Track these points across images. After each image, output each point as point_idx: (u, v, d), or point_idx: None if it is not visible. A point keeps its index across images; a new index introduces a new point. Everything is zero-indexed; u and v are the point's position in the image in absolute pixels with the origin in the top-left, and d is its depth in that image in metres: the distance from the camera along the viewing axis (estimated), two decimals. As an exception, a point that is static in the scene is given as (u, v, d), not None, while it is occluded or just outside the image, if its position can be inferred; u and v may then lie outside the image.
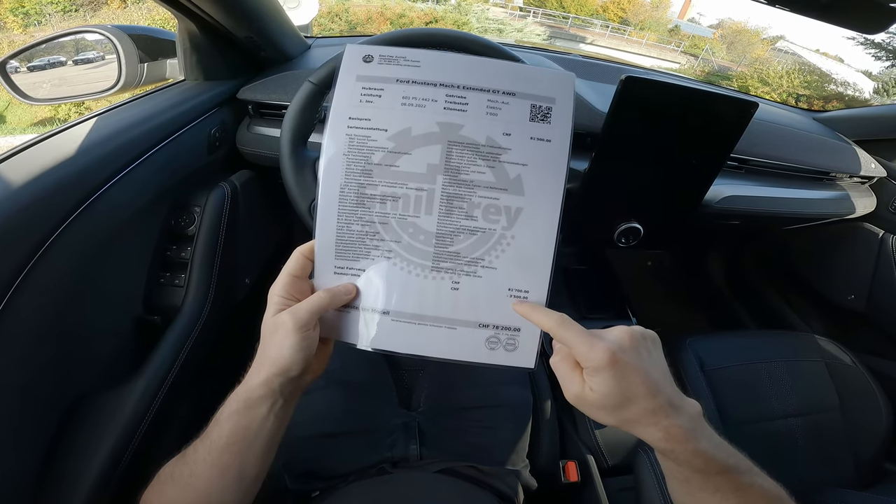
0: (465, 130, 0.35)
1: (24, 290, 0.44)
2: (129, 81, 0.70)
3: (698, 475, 0.32)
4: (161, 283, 0.69)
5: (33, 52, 0.69)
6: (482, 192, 0.35)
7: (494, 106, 0.35)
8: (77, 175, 0.51)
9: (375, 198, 0.35)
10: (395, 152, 0.35)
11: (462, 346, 0.36)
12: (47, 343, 0.49)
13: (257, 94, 0.80)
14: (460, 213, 0.35)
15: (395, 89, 0.34)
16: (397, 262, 0.36)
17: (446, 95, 0.34)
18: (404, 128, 0.34)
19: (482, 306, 0.36)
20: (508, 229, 0.35)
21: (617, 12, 20.69)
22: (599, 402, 0.31)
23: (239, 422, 0.34)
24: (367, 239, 0.35)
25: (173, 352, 0.64)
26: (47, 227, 0.47)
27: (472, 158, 0.35)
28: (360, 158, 0.35)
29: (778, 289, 1.39)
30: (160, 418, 0.60)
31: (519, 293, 0.36)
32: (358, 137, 0.35)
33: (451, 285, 0.36)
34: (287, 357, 0.33)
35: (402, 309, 0.36)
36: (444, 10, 11.48)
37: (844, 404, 0.91)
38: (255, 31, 0.75)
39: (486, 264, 0.36)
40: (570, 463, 0.67)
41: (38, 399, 0.49)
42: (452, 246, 0.35)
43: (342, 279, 0.36)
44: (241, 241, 0.82)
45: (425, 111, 0.34)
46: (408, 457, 0.57)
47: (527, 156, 0.35)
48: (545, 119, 0.35)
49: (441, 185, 0.35)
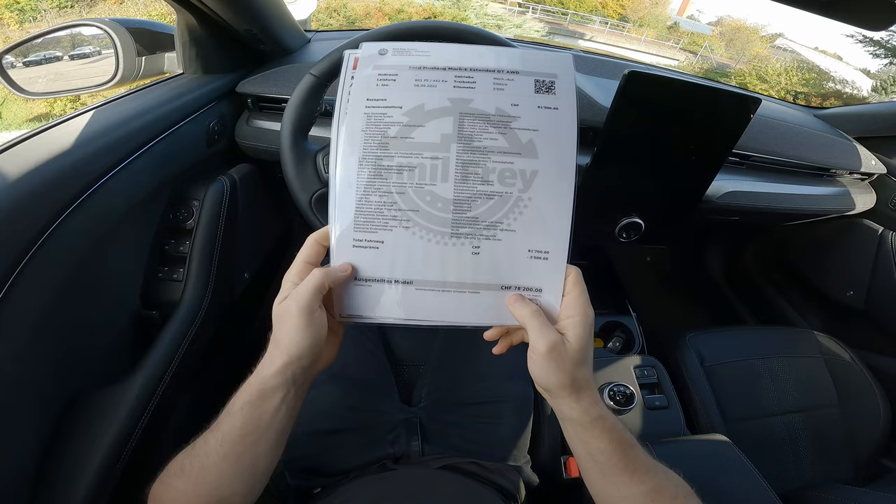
0: (475, 103, 0.36)
1: (20, 284, 0.43)
2: (127, 75, 0.70)
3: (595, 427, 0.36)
4: (159, 277, 0.69)
5: (29, 46, 0.68)
6: (496, 157, 0.36)
7: (500, 82, 0.37)
8: (74, 168, 0.50)
9: (392, 168, 0.36)
10: (409, 125, 0.36)
11: (486, 310, 0.37)
12: (45, 337, 0.48)
13: (257, 88, 0.79)
14: (476, 179, 0.36)
15: (409, 74, 0.37)
16: (416, 231, 0.36)
17: (455, 76, 0.37)
18: (418, 104, 0.36)
19: (504, 269, 0.36)
20: (525, 192, 0.36)
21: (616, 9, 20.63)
22: (576, 353, 0.34)
23: (252, 412, 0.34)
24: (385, 209, 0.36)
25: (172, 346, 0.64)
26: (43, 221, 0.46)
27: (483, 126, 0.36)
28: (378, 133, 0.36)
29: (777, 285, 1.40)
30: (160, 413, 0.60)
31: (539, 254, 0.36)
32: (375, 115, 0.36)
33: (471, 250, 0.36)
34: (297, 343, 0.33)
35: (424, 277, 0.36)
36: (443, 6, 11.42)
37: (843, 401, 0.92)
38: (255, 24, 0.75)
39: (504, 227, 0.36)
40: (571, 459, 0.67)
41: (36, 394, 0.48)
42: (470, 211, 0.36)
43: (362, 252, 0.36)
44: (240, 234, 0.81)
45: (436, 90, 0.37)
46: (409, 453, 0.57)
47: (537, 122, 0.36)
48: (550, 90, 0.37)
49: (455, 153, 0.36)
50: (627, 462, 0.35)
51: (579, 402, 0.35)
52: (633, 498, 0.35)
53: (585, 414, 0.35)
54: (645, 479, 0.35)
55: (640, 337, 1.02)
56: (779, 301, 1.37)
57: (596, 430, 0.35)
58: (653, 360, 0.87)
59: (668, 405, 0.81)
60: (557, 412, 0.37)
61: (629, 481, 0.35)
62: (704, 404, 0.86)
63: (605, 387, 0.78)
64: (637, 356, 0.88)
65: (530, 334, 0.34)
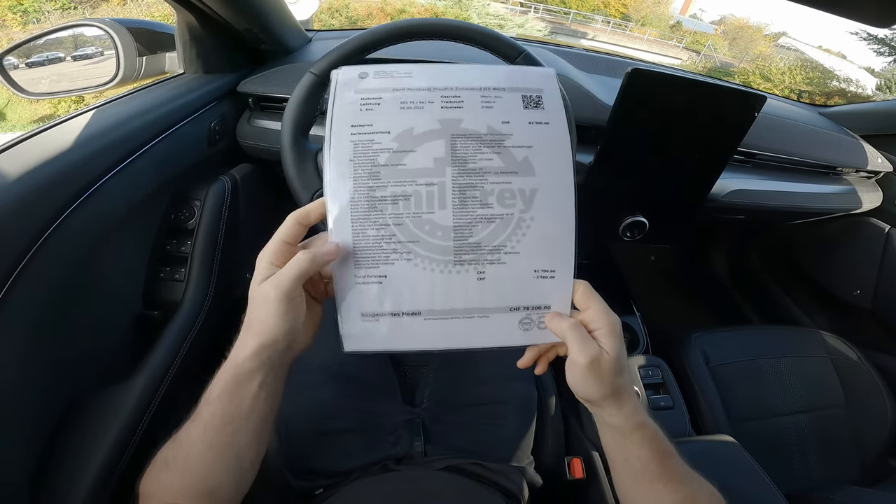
0: (465, 123, 0.35)
1: (20, 284, 0.43)
2: (128, 75, 0.70)
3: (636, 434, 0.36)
4: (161, 277, 0.68)
5: (31, 47, 0.68)
6: (493, 178, 0.35)
7: (488, 100, 0.36)
8: (74, 167, 0.50)
9: (387, 199, 0.34)
10: (400, 151, 0.34)
11: (497, 332, 0.36)
12: (47, 338, 0.48)
13: (258, 87, 0.79)
14: (475, 203, 0.35)
15: (393, 97, 0.36)
16: (419, 263, 0.35)
17: (442, 97, 0.36)
18: (407, 128, 0.35)
19: (510, 291, 0.36)
20: (526, 212, 0.35)
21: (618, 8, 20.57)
22: (612, 364, 0.34)
23: (231, 400, 0.33)
24: (384, 243, 0.34)
25: (174, 347, 0.64)
26: (43, 221, 0.46)
27: (477, 147, 0.35)
28: (367, 162, 0.34)
29: (783, 284, 1.39)
30: (162, 413, 0.60)
31: (545, 273, 0.35)
32: (362, 143, 0.35)
33: (476, 276, 0.35)
34: (273, 328, 0.32)
35: (432, 307, 0.35)
36: (445, 6, 11.42)
37: (850, 401, 0.91)
38: (256, 23, 0.74)
39: (508, 250, 0.35)
40: (575, 459, 0.67)
41: (38, 394, 0.48)
42: (472, 237, 0.35)
43: (366, 288, 0.35)
44: (241, 234, 0.81)
45: (424, 112, 0.35)
46: (412, 454, 0.56)
47: (529, 138, 0.35)
48: (538, 105, 0.36)
49: (451, 177, 0.35)
50: (664, 470, 0.35)
51: (621, 410, 0.35)
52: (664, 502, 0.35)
53: (627, 421, 0.35)
54: (679, 487, 0.35)
55: (644, 337, 1.01)
56: (785, 300, 1.36)
57: (636, 437, 0.35)
58: (657, 360, 0.86)
59: (672, 405, 0.80)
60: (598, 419, 0.37)
61: (663, 489, 0.35)
62: (710, 405, 0.86)
63: (610, 387, 0.77)
64: (642, 356, 0.87)
65: (571, 348, 0.34)
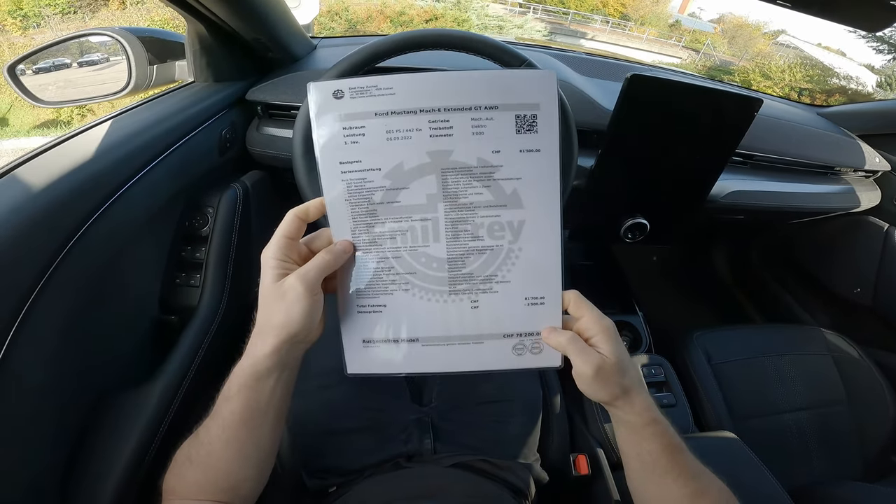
0: (455, 155, 0.35)
1: (47, 292, 0.45)
2: (140, 83, 0.71)
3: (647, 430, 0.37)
4: (177, 283, 0.70)
5: (40, 55, 0.69)
6: (483, 212, 0.36)
7: (479, 124, 0.34)
8: (96, 177, 0.52)
9: (385, 234, 0.36)
10: (393, 189, 0.35)
11: (491, 357, 0.38)
12: (71, 343, 0.49)
13: (266, 95, 0.81)
14: (466, 236, 0.36)
15: (377, 124, 0.34)
16: (416, 293, 0.37)
17: (429, 122, 0.34)
18: (396, 164, 0.35)
19: (503, 318, 0.37)
20: (514, 242, 0.36)
21: (617, 7, 20.56)
22: (616, 366, 0.35)
23: (250, 396, 0.34)
24: (383, 275, 0.37)
25: (191, 350, 0.66)
26: (68, 230, 0.47)
27: (467, 181, 0.35)
28: (363, 200, 0.35)
29: (784, 283, 1.40)
30: (181, 414, 0.62)
31: (535, 300, 0.37)
32: (355, 182, 0.35)
33: (470, 305, 0.37)
34: (297, 321, 0.33)
35: (429, 334, 0.37)
36: (444, 8, 11.42)
37: (852, 398, 0.92)
38: (263, 32, 0.76)
39: (500, 279, 0.37)
40: (580, 456, 0.68)
41: (63, 397, 0.50)
42: (465, 268, 0.37)
43: (367, 317, 0.37)
44: (254, 240, 0.82)
45: (412, 142, 0.34)
46: (422, 451, 0.57)
47: (519, 169, 0.35)
48: (531, 129, 0.34)
49: (444, 212, 0.36)
50: (674, 465, 0.37)
51: (633, 407, 0.37)
52: (675, 500, 0.37)
53: (639, 417, 0.37)
54: (689, 482, 0.36)
55: (647, 336, 1.02)
56: (786, 299, 1.37)
57: (648, 432, 0.37)
58: (660, 358, 0.88)
59: (675, 403, 0.82)
60: (613, 417, 0.39)
61: (673, 484, 0.36)
62: (712, 402, 0.87)
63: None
64: (644, 355, 0.88)
65: (574, 360, 0.36)
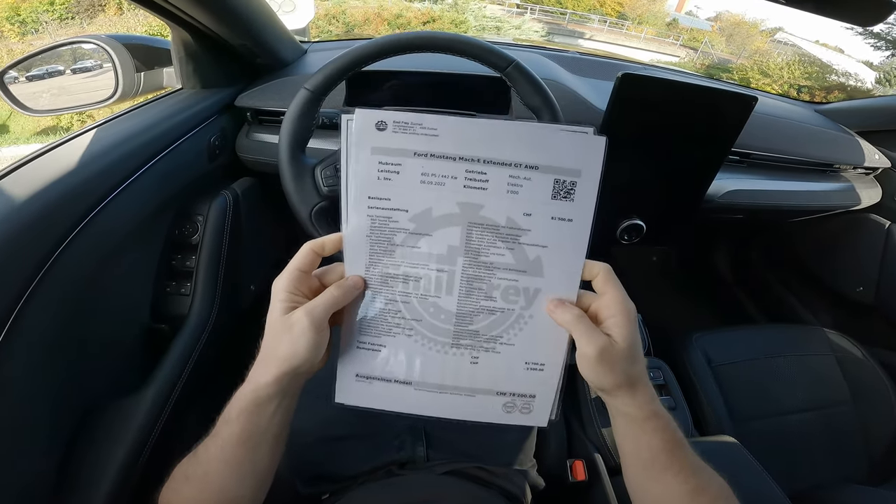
0: (485, 211, 0.34)
1: (32, 302, 0.44)
2: (127, 91, 0.70)
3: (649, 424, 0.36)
4: (167, 292, 0.70)
5: (31, 62, 0.69)
6: (501, 274, 0.35)
7: (516, 183, 0.33)
8: (80, 187, 0.51)
9: (398, 277, 0.35)
10: (416, 233, 0.34)
11: (480, 410, 0.38)
12: (60, 352, 0.49)
13: (255, 101, 0.80)
14: (480, 294, 0.35)
15: (414, 164, 0.33)
16: (418, 340, 0.36)
17: (466, 171, 0.33)
18: (425, 208, 0.34)
19: (500, 378, 0.37)
20: (526, 309, 0.35)
21: (614, 6, 20.57)
22: (624, 352, 0.33)
23: (249, 419, 0.35)
24: (389, 317, 0.36)
25: (182, 359, 0.65)
26: (53, 241, 0.47)
27: (491, 240, 0.34)
28: (383, 239, 0.35)
29: (786, 282, 1.38)
30: (172, 423, 0.62)
31: (535, 366, 0.37)
32: (380, 218, 0.34)
33: (470, 360, 0.37)
34: (301, 355, 0.33)
35: (424, 380, 0.37)
36: (441, 10, 11.44)
37: (856, 398, 0.91)
38: (249, 38, 0.75)
39: (504, 341, 0.36)
40: (577, 462, 0.67)
41: (53, 406, 0.50)
42: (472, 325, 0.36)
43: (365, 353, 0.37)
44: (244, 248, 0.82)
45: (445, 189, 0.33)
46: (415, 458, 0.57)
47: (547, 237, 0.34)
48: (568, 196, 0.33)
49: (461, 267, 0.35)
50: (674, 460, 0.35)
51: (634, 399, 0.35)
52: (674, 496, 0.36)
53: (640, 410, 0.35)
54: (689, 478, 0.35)
55: (646, 338, 1.01)
56: (788, 299, 1.36)
57: (649, 426, 0.35)
58: (658, 361, 0.87)
59: (675, 406, 0.81)
60: (611, 408, 0.37)
61: (672, 480, 0.35)
62: (712, 405, 0.86)
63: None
64: None
65: (578, 340, 0.34)
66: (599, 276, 0.36)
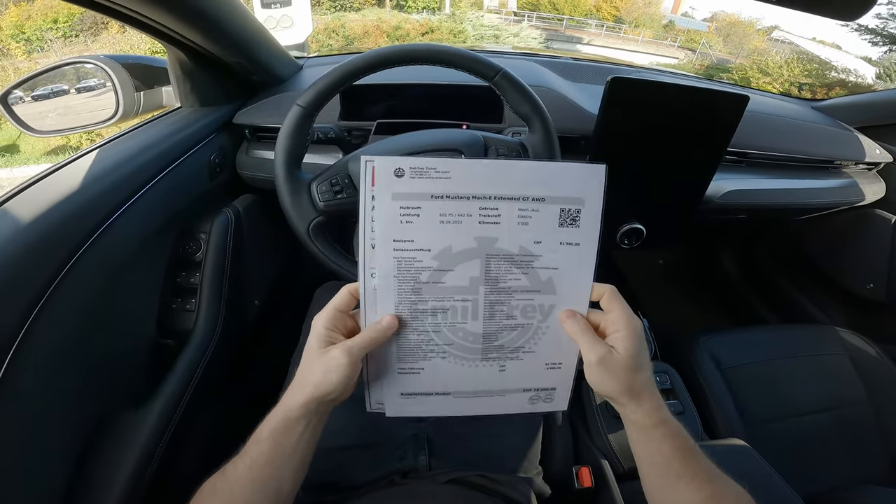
0: (500, 243, 0.37)
1: (42, 319, 0.46)
2: (128, 110, 0.71)
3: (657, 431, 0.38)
4: (173, 308, 0.71)
5: (35, 81, 0.70)
6: (519, 296, 0.39)
7: (525, 214, 0.37)
8: (86, 206, 0.53)
9: (427, 311, 0.39)
10: (439, 270, 0.38)
11: (509, 405, 0.43)
12: (69, 367, 0.51)
13: (253, 118, 0.81)
14: (502, 315, 0.40)
15: (432, 207, 0.36)
16: (451, 360, 0.41)
17: (480, 209, 0.36)
18: (445, 246, 0.37)
19: (525, 378, 0.42)
20: (543, 322, 0.40)
21: (610, 11, 20.69)
22: (625, 361, 0.37)
23: (278, 440, 0.37)
24: (423, 345, 0.40)
25: (188, 373, 0.67)
26: (60, 259, 0.48)
27: (508, 268, 0.38)
28: (409, 279, 0.38)
29: (795, 281, 1.37)
30: (179, 435, 0.63)
31: (554, 365, 0.42)
32: (405, 259, 0.37)
33: (498, 369, 0.41)
34: (333, 385, 0.37)
35: (460, 389, 0.42)
36: (440, 20, 11.58)
37: (873, 397, 0.88)
38: (243, 56, 0.76)
39: (526, 350, 0.41)
40: (583, 469, 0.66)
41: (64, 419, 0.51)
42: (497, 341, 0.40)
43: (406, 376, 0.41)
44: (247, 264, 0.83)
45: (462, 227, 0.37)
46: (417, 468, 0.57)
47: (557, 259, 0.38)
48: (574, 223, 0.37)
49: (483, 295, 0.39)
50: (687, 468, 0.37)
51: (640, 406, 0.37)
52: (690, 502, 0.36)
53: (647, 417, 0.37)
54: (704, 486, 0.36)
55: (652, 343, 1.00)
56: (798, 298, 1.34)
57: (657, 433, 0.37)
58: (665, 365, 0.86)
59: (683, 411, 0.79)
60: (623, 417, 0.40)
61: (686, 488, 0.36)
62: (722, 408, 0.84)
63: (617, 395, 0.76)
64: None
65: (582, 348, 0.38)
66: (605, 295, 0.39)
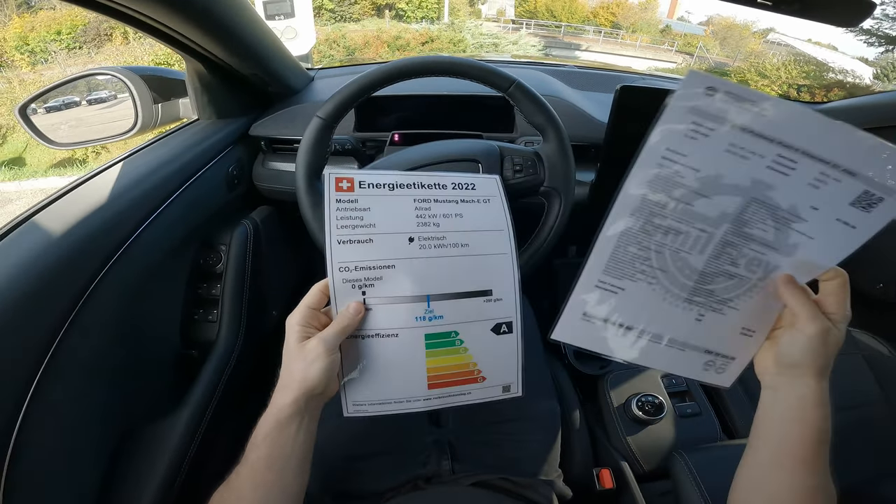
0: (774, 192, 0.33)
1: (73, 332, 0.47)
2: (146, 122, 0.72)
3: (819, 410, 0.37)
4: (195, 319, 0.72)
5: (50, 94, 0.70)
6: (755, 246, 0.36)
7: (823, 180, 0.32)
8: (114, 219, 0.54)
9: (660, 228, 0.36)
10: (696, 192, 0.34)
11: (683, 364, 0.40)
12: (98, 379, 0.51)
13: (269, 130, 0.82)
14: (726, 259, 0.37)
15: (726, 133, 0.32)
16: (657, 289, 0.37)
17: (777, 154, 0.32)
18: (717, 174, 0.33)
19: (715, 338, 0.39)
20: (763, 280, 0.37)
21: (607, 17, 20.87)
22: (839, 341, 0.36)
23: (275, 441, 0.38)
24: (637, 262, 0.37)
25: (212, 382, 0.68)
26: (90, 272, 0.49)
27: (763, 217, 0.35)
28: (661, 189, 0.35)
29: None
30: (207, 443, 0.63)
31: (748, 332, 0.39)
32: (667, 170, 0.34)
33: (696, 316, 0.38)
34: (315, 378, 0.37)
35: (647, 328, 0.39)
36: (439, 30, 11.66)
37: (889, 395, 0.88)
38: (259, 67, 0.78)
39: (732, 305, 0.38)
40: (603, 470, 0.66)
41: (93, 431, 0.51)
42: (710, 285, 0.37)
43: (603, 294, 0.38)
44: (266, 274, 0.84)
45: (745, 164, 0.33)
46: (440, 472, 0.57)
47: (820, 232, 0.34)
48: (867, 208, 0.33)
49: (723, 232, 0.36)
50: (817, 455, 0.36)
51: (820, 384, 0.37)
52: (796, 489, 0.36)
53: (821, 394, 0.37)
54: (818, 474, 0.36)
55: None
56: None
57: (818, 413, 0.37)
58: None
59: (700, 412, 0.79)
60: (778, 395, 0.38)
61: (804, 472, 0.36)
62: (740, 409, 0.84)
63: (633, 398, 0.76)
64: None
65: (801, 316, 0.36)
66: (837, 280, 0.37)
